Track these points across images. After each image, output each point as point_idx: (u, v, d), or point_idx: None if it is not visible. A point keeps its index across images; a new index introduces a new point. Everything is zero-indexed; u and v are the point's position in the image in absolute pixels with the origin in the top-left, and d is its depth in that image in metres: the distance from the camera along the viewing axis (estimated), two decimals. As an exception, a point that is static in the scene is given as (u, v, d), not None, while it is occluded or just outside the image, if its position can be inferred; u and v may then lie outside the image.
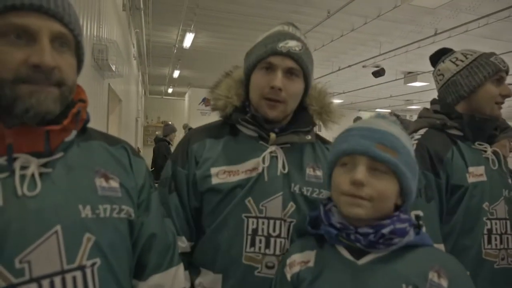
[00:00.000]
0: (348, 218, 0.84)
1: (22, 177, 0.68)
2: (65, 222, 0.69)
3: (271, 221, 1.03)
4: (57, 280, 0.67)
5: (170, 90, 14.08)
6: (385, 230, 0.80)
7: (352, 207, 0.82)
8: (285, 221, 1.03)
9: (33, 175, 0.69)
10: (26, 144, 0.69)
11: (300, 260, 0.91)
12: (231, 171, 1.05)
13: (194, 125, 2.76)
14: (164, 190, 1.08)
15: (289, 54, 1.02)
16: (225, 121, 1.13)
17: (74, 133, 0.76)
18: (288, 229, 1.04)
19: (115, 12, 4.31)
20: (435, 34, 6.18)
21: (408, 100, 14.02)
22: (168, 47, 8.10)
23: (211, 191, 1.05)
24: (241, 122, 1.07)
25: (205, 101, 11.33)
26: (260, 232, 1.02)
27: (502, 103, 1.29)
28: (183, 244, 1.06)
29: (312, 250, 0.90)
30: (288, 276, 0.91)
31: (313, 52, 1.12)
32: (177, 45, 7.59)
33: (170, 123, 6.83)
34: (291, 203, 1.05)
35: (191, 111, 12.28)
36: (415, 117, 1.56)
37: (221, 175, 1.05)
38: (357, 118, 3.25)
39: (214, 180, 1.04)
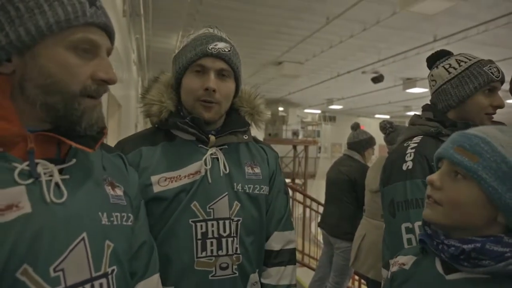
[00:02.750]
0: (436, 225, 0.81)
1: (47, 183, 0.67)
2: (89, 229, 0.69)
3: (220, 222, 1.04)
4: (88, 287, 0.67)
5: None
6: (467, 247, 0.73)
7: (426, 209, 0.81)
8: (232, 220, 1.06)
9: (56, 182, 0.68)
10: (41, 150, 0.68)
11: (401, 262, 0.91)
12: (172, 177, 1.04)
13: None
14: None
15: (219, 56, 1.04)
16: (158, 127, 1.12)
17: None
18: (236, 228, 1.07)
19: (116, 18, 4.33)
20: (434, 40, 6.22)
21: (407, 106, 14.06)
22: (168, 53, 8.12)
23: (154, 201, 1.02)
24: (181, 126, 1.05)
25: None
26: (210, 235, 1.03)
27: (494, 113, 1.26)
28: None
29: (415, 255, 0.89)
30: (389, 274, 0.93)
31: (312, 58, 1.16)
32: (176, 51, 7.61)
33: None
34: (236, 202, 1.07)
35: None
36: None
37: (162, 183, 1.03)
38: (355, 124, 3.25)
39: (156, 188, 1.02)
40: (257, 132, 1.30)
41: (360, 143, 3.08)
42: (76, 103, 0.68)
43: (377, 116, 17.98)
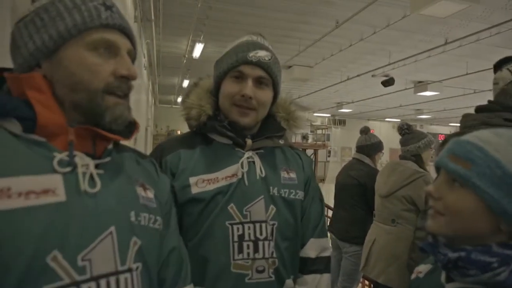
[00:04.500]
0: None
1: (83, 174, 0.70)
2: (118, 223, 0.72)
3: (257, 225, 1.04)
4: (112, 280, 0.69)
5: (179, 100, 14.20)
6: (452, 255, 0.72)
7: (429, 220, 0.80)
8: (268, 223, 1.06)
9: (91, 174, 0.71)
10: (80, 144, 0.72)
11: (419, 270, 0.92)
12: (210, 179, 1.05)
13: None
14: None
15: (259, 64, 1.05)
16: (196, 131, 1.13)
17: (112, 142, 0.80)
18: (272, 231, 1.06)
19: (126, 23, 4.38)
20: (446, 43, 6.15)
21: (418, 109, 13.92)
22: (178, 57, 8.19)
23: (192, 202, 1.04)
24: (219, 129, 1.07)
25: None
26: (247, 237, 1.03)
27: None
28: None
29: (431, 264, 0.90)
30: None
31: (322, 61, 1.16)
32: (186, 55, 7.67)
33: (175, 132, 6.69)
34: (272, 206, 1.08)
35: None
36: (425, 127, 1.48)
37: (200, 184, 1.04)
38: (365, 128, 3.23)
39: (194, 190, 1.04)
40: None
41: (372, 146, 3.05)
42: (100, 98, 0.73)
43: (387, 119, 17.84)
